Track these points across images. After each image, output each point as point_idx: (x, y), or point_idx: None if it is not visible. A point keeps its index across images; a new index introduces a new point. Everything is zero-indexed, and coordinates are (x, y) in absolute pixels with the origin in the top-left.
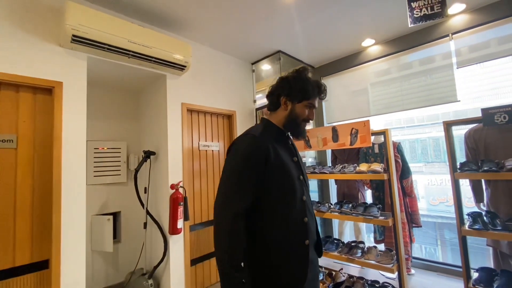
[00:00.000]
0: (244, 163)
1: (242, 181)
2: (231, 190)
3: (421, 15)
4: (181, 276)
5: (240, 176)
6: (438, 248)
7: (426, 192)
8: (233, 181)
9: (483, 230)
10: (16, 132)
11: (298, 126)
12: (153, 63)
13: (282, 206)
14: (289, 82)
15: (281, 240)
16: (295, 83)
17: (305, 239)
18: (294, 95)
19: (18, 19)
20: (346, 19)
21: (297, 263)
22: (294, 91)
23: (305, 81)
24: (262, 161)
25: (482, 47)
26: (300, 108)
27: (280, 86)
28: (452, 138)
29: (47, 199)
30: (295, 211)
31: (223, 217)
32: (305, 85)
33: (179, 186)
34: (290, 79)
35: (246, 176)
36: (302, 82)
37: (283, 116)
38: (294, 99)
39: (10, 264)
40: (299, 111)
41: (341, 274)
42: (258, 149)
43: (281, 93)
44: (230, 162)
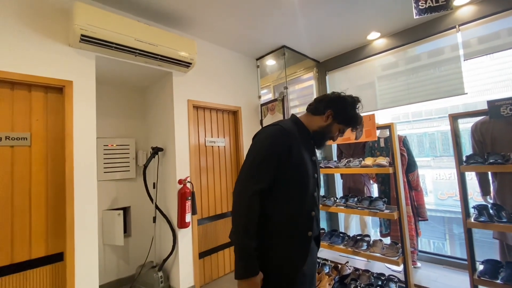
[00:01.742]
0: (269, 148)
1: (264, 164)
2: (253, 171)
3: (426, 7)
4: (189, 269)
5: (263, 159)
6: (446, 242)
7: (435, 187)
8: (256, 163)
9: (488, 222)
10: (29, 130)
11: (324, 139)
12: (159, 60)
13: (294, 197)
14: (345, 105)
15: (287, 226)
16: (349, 110)
17: (308, 231)
18: (341, 116)
19: (28, 21)
20: (350, 12)
21: (298, 250)
22: (343, 113)
23: (356, 112)
24: (285, 152)
25: (490, 38)
26: (336, 128)
27: (335, 101)
28: (458, 131)
29: (60, 195)
30: (305, 204)
31: (243, 194)
32: (355, 116)
33: (186, 181)
34: (347, 101)
35: (268, 161)
36: (353, 111)
37: (318, 124)
38: (338, 118)
39: (27, 256)
40: (334, 129)
41: (347, 267)
42: (283, 139)
43: (331, 106)
44: (256, 145)
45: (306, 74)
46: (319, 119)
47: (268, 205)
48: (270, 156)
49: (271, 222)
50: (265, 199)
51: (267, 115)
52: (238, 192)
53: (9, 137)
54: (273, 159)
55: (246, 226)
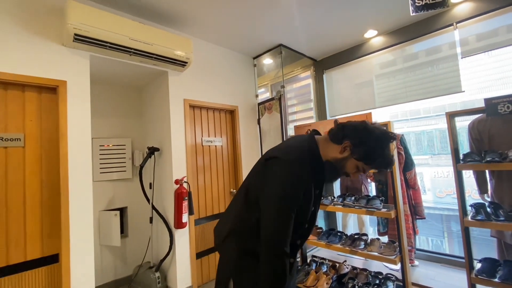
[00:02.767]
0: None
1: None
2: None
3: (422, 4)
4: (187, 269)
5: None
6: (444, 240)
7: (433, 185)
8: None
9: (485, 221)
10: (23, 131)
11: (336, 175)
12: (155, 60)
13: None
14: (369, 139)
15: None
16: (374, 146)
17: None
18: (361, 152)
19: (21, 20)
20: (347, 10)
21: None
22: (364, 149)
23: (380, 150)
24: (306, 191)
25: (487, 35)
26: (353, 165)
27: (357, 131)
28: (455, 129)
29: (55, 196)
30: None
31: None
32: (380, 154)
33: (183, 181)
34: (372, 135)
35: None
36: (376, 150)
37: (333, 155)
38: (356, 153)
39: (22, 258)
40: (350, 166)
41: (345, 266)
42: (303, 183)
43: (350, 136)
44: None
45: (304, 72)
46: (335, 148)
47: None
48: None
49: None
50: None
51: (264, 114)
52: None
53: (2, 138)
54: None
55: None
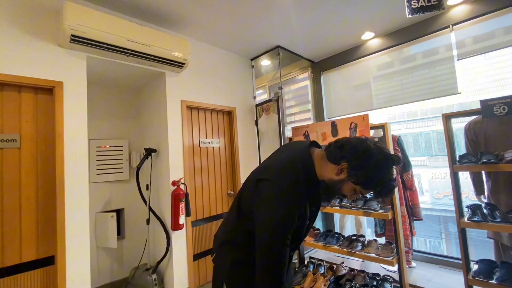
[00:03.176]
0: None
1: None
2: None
3: (418, 6)
4: (184, 271)
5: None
6: (442, 241)
7: (430, 186)
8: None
9: (482, 222)
10: (19, 132)
11: (331, 196)
12: (152, 61)
13: None
14: (366, 160)
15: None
16: (371, 168)
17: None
18: (358, 175)
19: (18, 21)
20: (344, 12)
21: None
22: (361, 172)
23: (381, 175)
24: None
25: (483, 38)
26: (350, 188)
27: (354, 152)
28: (452, 131)
29: (51, 197)
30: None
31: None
32: (377, 178)
33: (180, 183)
34: (372, 158)
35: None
36: (376, 173)
37: (329, 176)
38: (354, 177)
39: (17, 260)
40: (347, 189)
41: (342, 268)
42: (299, 207)
43: (347, 157)
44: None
45: (301, 74)
46: (332, 168)
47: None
48: (296, 212)
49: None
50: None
51: (262, 115)
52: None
53: None
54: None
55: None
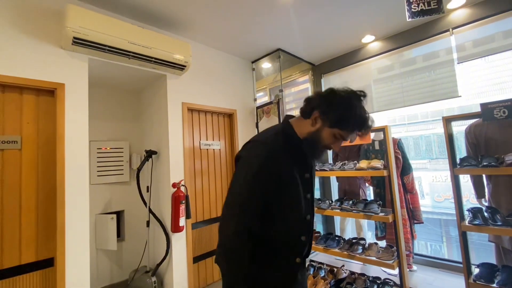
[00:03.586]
0: (253, 178)
1: (248, 199)
2: (237, 207)
3: (418, 10)
4: (183, 273)
5: (247, 192)
6: (443, 245)
7: (431, 189)
8: (239, 199)
9: (483, 225)
10: (20, 133)
11: (315, 149)
12: (154, 63)
13: (282, 222)
14: (333, 101)
15: (272, 252)
16: (339, 106)
17: (296, 257)
18: (331, 118)
19: (21, 23)
20: (345, 15)
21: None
22: (331, 113)
23: (350, 109)
24: (273, 177)
25: (483, 41)
26: (328, 134)
27: (322, 98)
28: (452, 134)
29: (51, 199)
30: (294, 228)
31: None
32: (347, 113)
33: (180, 185)
34: (337, 98)
35: (253, 193)
36: (345, 109)
37: (307, 131)
38: (327, 121)
39: (16, 262)
40: (326, 136)
41: (343, 271)
42: (269, 163)
43: (317, 106)
44: (241, 172)
45: (302, 77)
46: (307, 124)
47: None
48: (257, 187)
49: (258, 248)
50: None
51: (262, 118)
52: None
53: None
54: (260, 189)
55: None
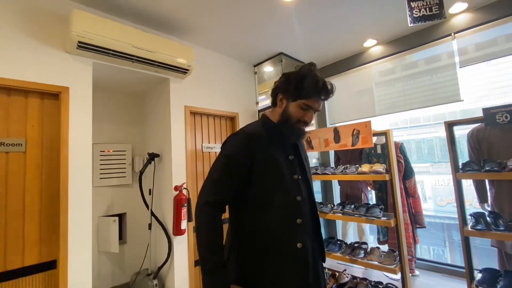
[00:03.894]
0: (229, 160)
1: (223, 175)
2: (211, 182)
3: (420, 15)
4: (185, 277)
5: (224, 169)
6: (446, 249)
7: (433, 193)
8: (215, 175)
9: (485, 230)
10: (24, 136)
11: (291, 127)
12: (157, 67)
13: (270, 207)
14: (288, 78)
15: (272, 241)
16: (292, 80)
17: (297, 242)
18: (290, 92)
19: (26, 27)
20: (347, 20)
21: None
22: (289, 88)
23: (303, 77)
24: (248, 159)
25: (485, 45)
26: (294, 107)
27: (280, 82)
28: (454, 138)
29: (54, 201)
30: (286, 211)
31: (200, 205)
32: (302, 82)
33: (182, 188)
34: (291, 75)
35: (228, 171)
36: (299, 79)
37: (278, 113)
38: (290, 97)
39: (19, 264)
40: (293, 110)
41: (345, 275)
42: (246, 147)
43: (278, 89)
44: (219, 156)
45: None
46: (278, 108)
47: (243, 219)
48: (232, 165)
49: (250, 237)
50: (236, 212)
51: None
52: (197, 205)
53: (4, 143)
54: (235, 168)
55: (206, 238)
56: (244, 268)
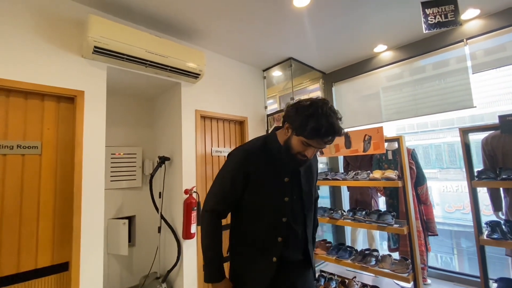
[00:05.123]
0: (228, 173)
1: (222, 189)
2: (213, 193)
3: (435, 22)
4: (193, 281)
5: (222, 184)
6: (454, 257)
7: (441, 199)
8: (216, 187)
9: (502, 239)
10: (40, 139)
11: (292, 157)
12: (169, 71)
13: (256, 220)
14: (296, 110)
15: (254, 248)
16: (299, 114)
17: (273, 256)
18: (293, 126)
19: (43, 33)
20: (357, 25)
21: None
22: (295, 121)
23: (309, 117)
24: (243, 175)
25: (498, 52)
26: (296, 141)
27: (289, 110)
28: (469, 145)
29: (68, 203)
30: (268, 228)
31: (204, 212)
32: (306, 121)
33: (192, 191)
34: (300, 107)
35: (227, 184)
36: (305, 116)
37: (283, 139)
38: (293, 130)
39: (32, 265)
40: (295, 143)
41: (355, 283)
42: (241, 163)
43: (287, 117)
44: (223, 167)
45: (312, 85)
46: (284, 132)
47: (237, 226)
48: (229, 181)
49: (240, 242)
50: (235, 218)
51: (273, 125)
52: (201, 213)
53: (20, 145)
54: (231, 183)
55: (205, 238)
56: (233, 266)
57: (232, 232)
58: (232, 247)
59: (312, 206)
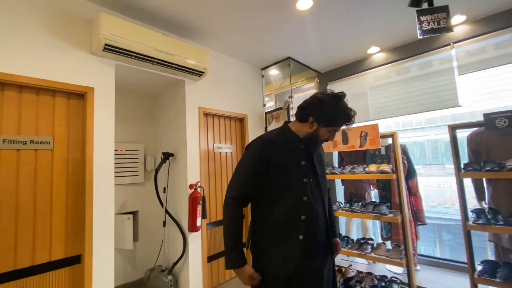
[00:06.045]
0: (249, 161)
1: (245, 175)
2: (235, 180)
3: (429, 28)
4: (199, 272)
5: (244, 171)
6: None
7: (425, 194)
8: (239, 174)
9: (486, 224)
10: (52, 135)
11: (315, 144)
12: (174, 69)
13: (279, 203)
14: (322, 107)
15: (276, 231)
16: (328, 110)
17: (298, 234)
18: (323, 120)
19: (55, 30)
20: (355, 28)
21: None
22: (324, 116)
23: (338, 110)
24: (264, 161)
25: (482, 55)
26: (324, 131)
27: (313, 106)
28: (457, 141)
29: (80, 197)
30: (292, 208)
31: (226, 199)
32: (337, 114)
33: (197, 186)
34: (325, 104)
35: (249, 171)
36: (335, 111)
37: (306, 131)
38: (321, 123)
39: (47, 258)
40: (323, 133)
41: (351, 270)
42: (263, 151)
43: (311, 113)
44: (242, 157)
45: (308, 84)
46: (305, 126)
47: (260, 211)
48: (251, 167)
49: (263, 227)
50: (256, 205)
51: (271, 122)
52: (225, 200)
53: (33, 141)
54: (254, 169)
55: (228, 225)
56: (255, 252)
57: (253, 220)
58: (254, 234)
59: (327, 190)
